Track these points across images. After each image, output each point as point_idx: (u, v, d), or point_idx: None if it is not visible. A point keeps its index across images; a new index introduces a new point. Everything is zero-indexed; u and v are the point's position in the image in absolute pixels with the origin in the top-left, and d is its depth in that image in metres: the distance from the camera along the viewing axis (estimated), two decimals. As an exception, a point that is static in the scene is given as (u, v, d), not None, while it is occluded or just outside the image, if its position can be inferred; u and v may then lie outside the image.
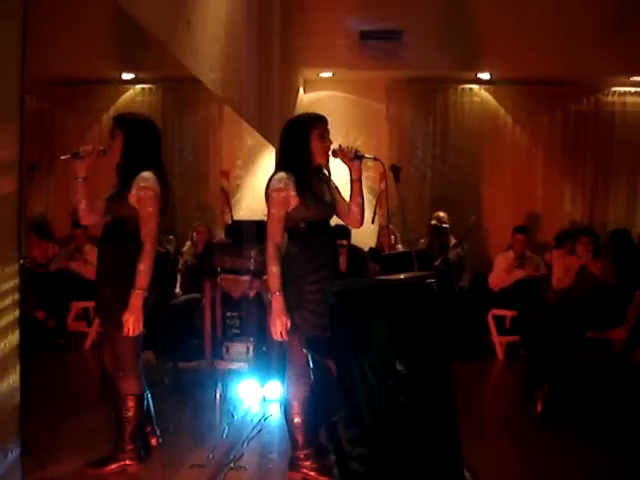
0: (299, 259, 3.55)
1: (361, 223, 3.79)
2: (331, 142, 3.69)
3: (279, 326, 3.50)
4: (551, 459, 4.25)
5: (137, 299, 3.53)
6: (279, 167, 3.68)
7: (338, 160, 3.74)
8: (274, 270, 3.53)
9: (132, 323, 3.54)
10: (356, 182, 3.71)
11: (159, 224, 3.68)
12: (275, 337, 3.54)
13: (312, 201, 3.57)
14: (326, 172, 3.75)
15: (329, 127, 3.72)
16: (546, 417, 4.88)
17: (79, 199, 3.80)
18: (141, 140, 3.71)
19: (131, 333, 3.55)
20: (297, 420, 3.70)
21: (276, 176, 3.61)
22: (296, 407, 3.69)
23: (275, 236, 3.56)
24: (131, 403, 3.68)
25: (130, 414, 3.68)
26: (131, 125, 3.74)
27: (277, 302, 3.51)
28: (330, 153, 3.69)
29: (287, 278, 3.54)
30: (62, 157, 3.84)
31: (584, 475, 3.97)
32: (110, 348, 3.75)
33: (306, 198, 3.56)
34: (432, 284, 2.01)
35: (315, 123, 3.66)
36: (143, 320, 3.59)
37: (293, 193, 3.55)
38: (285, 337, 3.52)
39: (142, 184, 3.58)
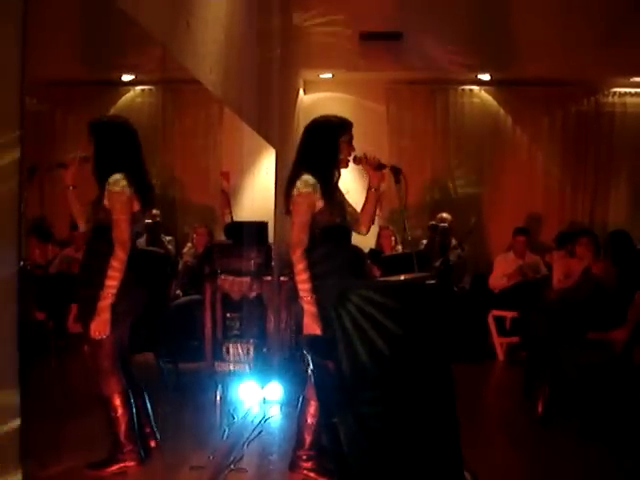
0: (316, 263, 3.51)
1: (368, 230, 3.79)
2: (354, 148, 3.69)
3: (314, 329, 3.44)
4: (552, 460, 4.25)
5: (104, 302, 3.52)
6: (301, 168, 3.62)
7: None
8: (304, 275, 3.48)
9: (97, 326, 3.53)
10: (376, 191, 3.72)
11: (158, 225, 3.68)
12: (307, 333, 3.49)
13: (336, 207, 3.57)
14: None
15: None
16: (547, 418, 4.87)
17: (72, 208, 3.85)
18: (110, 143, 3.70)
19: (96, 336, 3.55)
20: (310, 421, 3.69)
21: (302, 178, 3.56)
22: (313, 407, 3.66)
23: (302, 240, 3.52)
24: (117, 402, 3.68)
25: (119, 413, 3.68)
26: (100, 129, 3.76)
27: (309, 309, 3.46)
28: (351, 159, 3.69)
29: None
30: (51, 171, 3.90)
31: (585, 476, 3.97)
32: (89, 352, 3.75)
33: (329, 202, 3.55)
34: (432, 285, 2.01)
35: (346, 128, 3.67)
36: (130, 321, 3.60)
37: (319, 197, 3.54)
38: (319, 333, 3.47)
39: (110, 187, 3.59)
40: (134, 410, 3.74)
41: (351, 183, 3.95)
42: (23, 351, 2.21)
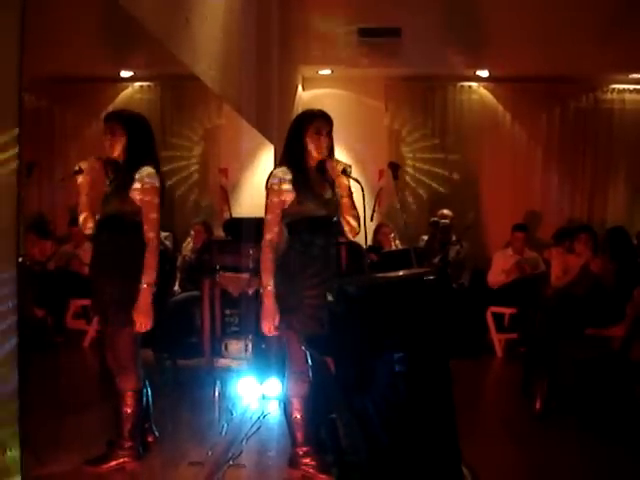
0: (298, 256, 3.55)
1: (355, 233, 3.75)
2: (328, 138, 3.67)
3: (270, 321, 3.51)
4: (550, 456, 4.26)
5: (146, 295, 3.54)
6: (280, 162, 3.71)
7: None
8: (266, 265, 3.54)
9: (143, 319, 3.55)
10: (345, 197, 3.62)
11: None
12: (265, 332, 3.56)
13: (309, 198, 3.57)
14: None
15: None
16: (545, 414, 4.88)
17: (83, 211, 3.82)
18: (141, 136, 3.72)
19: (142, 329, 3.57)
20: (297, 417, 3.70)
21: (274, 171, 3.64)
22: (296, 404, 3.69)
23: (270, 231, 3.57)
24: (130, 400, 3.68)
25: (129, 410, 3.68)
26: (131, 121, 3.75)
27: (268, 297, 3.52)
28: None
29: (286, 275, 3.54)
30: (65, 179, 3.88)
31: (583, 471, 3.98)
32: (109, 345, 3.75)
33: (302, 194, 3.56)
34: (431, 281, 2.02)
35: (310, 119, 3.66)
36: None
37: (289, 188, 3.55)
38: (275, 332, 3.53)
39: (147, 180, 3.59)
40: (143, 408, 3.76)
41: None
42: (22, 347, 2.21)
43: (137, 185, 3.59)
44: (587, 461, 4.12)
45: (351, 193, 3.66)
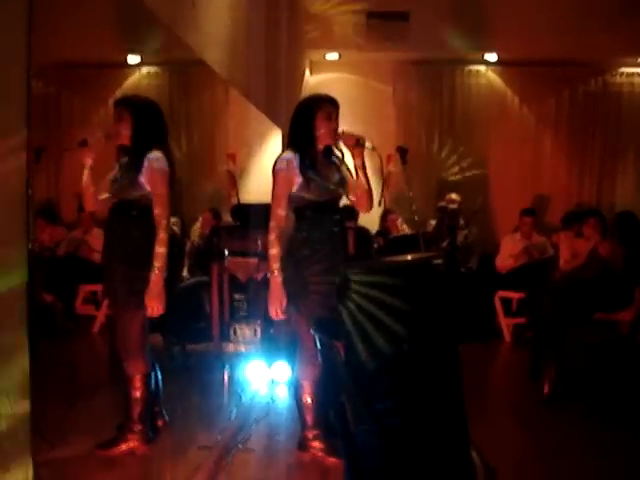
0: (305, 240, 3.56)
1: (370, 208, 3.78)
2: (337, 123, 3.68)
3: (277, 305, 3.53)
4: (558, 439, 4.27)
5: (157, 279, 3.56)
6: (287, 146, 3.72)
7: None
8: (273, 249, 3.55)
9: (154, 303, 3.57)
10: (360, 169, 3.69)
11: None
12: (272, 316, 3.58)
13: (316, 182, 3.57)
14: (339, 154, 3.75)
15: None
16: (553, 398, 4.89)
17: (86, 186, 3.79)
18: (149, 121, 3.72)
19: (154, 313, 3.59)
20: (307, 400, 3.73)
21: (281, 155, 3.65)
22: (306, 387, 3.72)
23: (277, 215, 3.59)
24: (138, 383, 3.71)
25: (138, 394, 3.71)
26: (138, 106, 3.75)
27: (275, 281, 3.54)
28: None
29: (293, 260, 3.55)
30: (70, 148, 3.86)
31: (590, 455, 3.98)
32: (118, 330, 3.78)
33: (309, 178, 3.56)
34: (439, 265, 2.02)
35: (320, 104, 3.66)
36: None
37: (296, 173, 3.56)
38: (281, 316, 3.55)
39: (155, 164, 3.60)
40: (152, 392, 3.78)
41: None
42: (31, 333, 2.23)
43: (145, 170, 3.60)
44: (595, 445, 4.13)
45: (365, 166, 3.68)
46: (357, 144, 3.65)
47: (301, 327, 3.60)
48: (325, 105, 3.65)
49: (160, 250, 3.56)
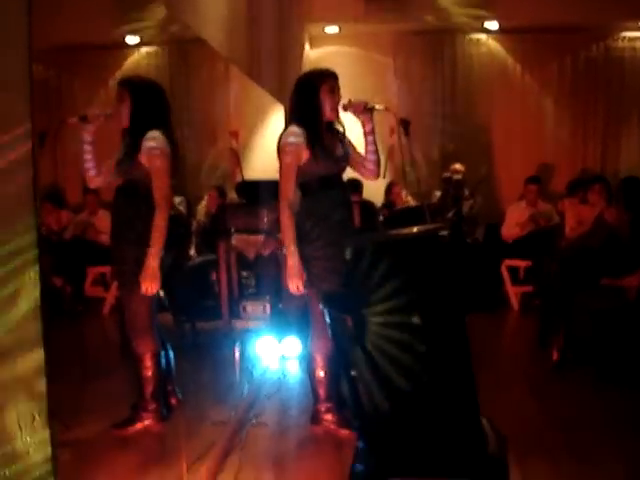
0: (312, 215, 3.57)
1: (378, 175, 3.80)
2: (340, 97, 3.69)
3: (296, 280, 3.54)
4: (568, 406, 4.30)
5: (153, 259, 3.57)
6: (290, 122, 3.70)
7: (351, 115, 3.74)
8: (287, 224, 3.57)
9: (149, 283, 3.59)
10: (369, 135, 3.71)
11: (172, 185, 3.72)
12: (292, 291, 3.59)
13: (323, 155, 3.59)
14: (340, 127, 3.76)
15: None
16: (561, 365, 4.93)
17: (86, 162, 3.82)
18: (148, 101, 3.72)
19: (149, 293, 3.61)
20: (320, 374, 3.77)
21: (287, 130, 3.64)
22: (319, 361, 3.75)
23: (287, 190, 3.59)
24: (148, 362, 3.76)
25: (149, 373, 3.76)
26: (138, 87, 3.76)
27: (292, 257, 3.55)
28: (341, 107, 3.69)
29: (301, 234, 3.57)
30: (70, 120, 3.85)
31: (600, 420, 4.02)
32: (125, 310, 3.81)
33: (317, 152, 3.57)
34: (445, 236, 2.03)
35: (324, 78, 3.66)
36: (160, 280, 3.64)
37: (304, 147, 3.56)
38: (302, 291, 3.56)
39: (151, 143, 3.60)
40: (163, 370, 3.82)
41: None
42: (43, 316, 2.25)
43: (144, 149, 3.61)
44: (604, 410, 4.17)
45: (374, 132, 3.69)
46: (366, 109, 3.66)
47: (313, 301, 3.63)
48: (328, 79, 3.66)
49: (157, 230, 3.57)
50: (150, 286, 3.60)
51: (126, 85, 3.76)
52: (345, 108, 3.70)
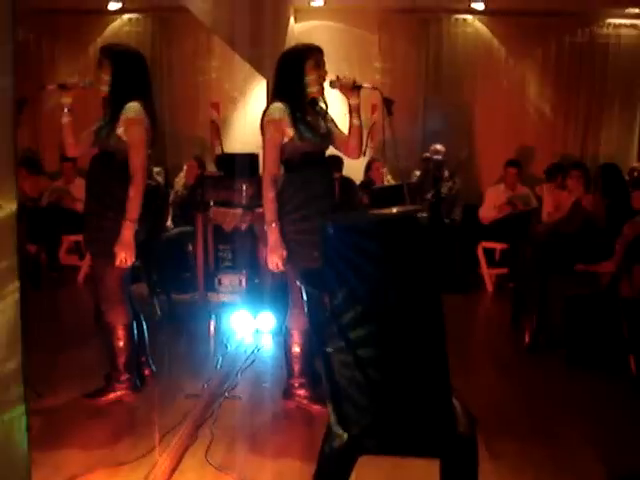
0: (294, 191, 3.56)
1: (360, 153, 3.78)
2: (326, 72, 3.66)
3: (276, 257, 3.54)
4: (538, 388, 4.36)
5: (128, 230, 3.55)
6: (273, 98, 3.66)
7: (334, 92, 3.72)
8: (270, 201, 3.55)
9: (124, 254, 3.57)
10: (355, 113, 3.68)
11: (149, 156, 3.68)
12: (271, 268, 3.59)
13: (307, 132, 3.57)
14: (323, 105, 3.73)
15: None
16: (533, 348, 4.99)
17: (65, 131, 3.77)
18: (129, 71, 3.67)
19: (124, 264, 3.58)
20: (296, 349, 3.78)
21: (271, 106, 3.60)
22: (296, 336, 3.76)
23: (271, 166, 3.57)
24: (121, 332, 3.76)
25: (121, 344, 3.76)
26: (119, 56, 3.70)
27: (273, 233, 3.54)
28: (328, 84, 3.67)
29: (283, 210, 3.56)
30: (49, 87, 3.80)
31: (570, 403, 4.08)
32: (97, 281, 3.79)
33: (301, 129, 3.55)
34: (423, 218, 2.04)
35: (310, 53, 3.63)
36: (135, 252, 3.62)
37: (288, 123, 3.54)
38: (282, 268, 3.56)
39: (130, 115, 3.57)
40: (135, 341, 3.82)
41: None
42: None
43: (122, 120, 3.57)
44: (574, 394, 4.24)
45: (359, 110, 3.68)
46: (354, 87, 3.64)
47: (291, 277, 3.63)
48: (314, 54, 3.63)
49: (132, 200, 3.54)
50: (124, 257, 3.58)
51: (107, 53, 3.70)
52: (333, 85, 3.68)
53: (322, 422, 3.28)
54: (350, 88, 3.65)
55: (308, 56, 3.61)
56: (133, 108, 3.57)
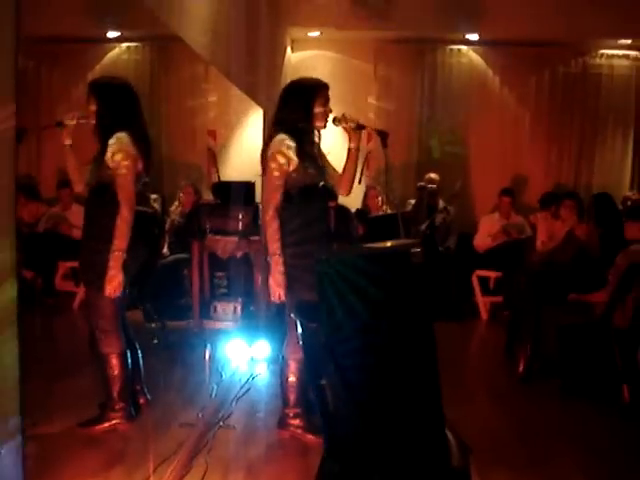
0: (293, 224, 3.58)
1: (350, 191, 3.84)
2: (331, 110, 3.72)
3: (279, 288, 3.55)
4: (532, 417, 4.37)
5: (116, 261, 3.57)
6: (277, 128, 3.67)
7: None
8: (274, 233, 3.55)
9: (112, 285, 3.59)
10: (355, 151, 3.76)
11: (146, 183, 3.72)
12: (274, 299, 3.59)
13: (310, 165, 3.61)
14: (316, 138, 3.78)
15: None
16: (527, 377, 4.99)
17: (69, 168, 3.85)
18: (113, 103, 3.72)
19: (112, 294, 3.60)
20: (292, 379, 3.79)
21: (277, 138, 3.60)
22: (292, 366, 3.77)
23: (275, 199, 3.58)
24: (115, 361, 3.76)
25: (115, 372, 3.76)
26: (102, 89, 3.78)
27: (277, 264, 3.54)
28: (330, 120, 3.72)
29: (284, 242, 3.57)
30: (47, 127, 3.88)
31: (565, 432, 4.09)
32: (90, 309, 3.81)
33: (305, 162, 3.59)
34: (417, 253, 2.07)
35: (320, 89, 3.70)
36: (129, 280, 3.65)
37: (293, 156, 3.57)
38: (284, 299, 3.56)
39: (114, 146, 3.61)
40: (129, 369, 3.82)
41: (333, 144, 3.98)
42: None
43: (108, 151, 3.62)
44: (568, 424, 4.24)
45: (359, 151, 3.76)
46: (358, 127, 3.71)
47: (288, 306, 3.64)
48: (323, 90, 3.70)
49: (119, 232, 3.56)
50: (111, 288, 3.60)
51: (91, 87, 3.79)
52: (336, 122, 3.74)
53: (317, 452, 3.29)
54: (354, 128, 3.71)
55: (318, 92, 3.67)
56: (118, 139, 3.61)
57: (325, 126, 3.73)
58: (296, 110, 3.66)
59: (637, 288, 4.51)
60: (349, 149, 3.77)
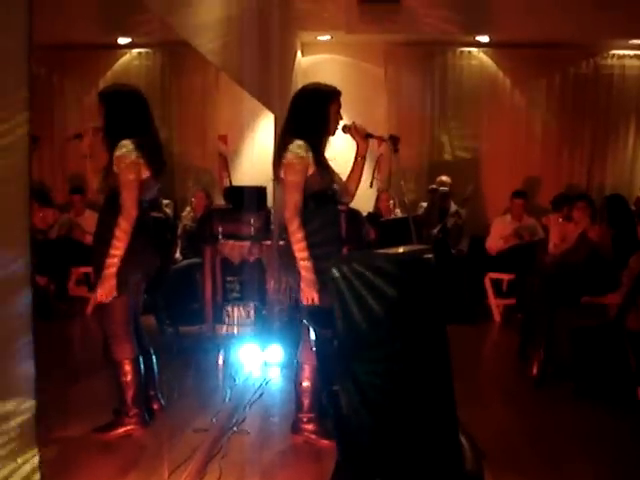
0: (306, 229, 3.56)
1: (353, 198, 3.87)
2: (342, 117, 3.74)
3: (312, 293, 3.49)
4: (546, 420, 4.35)
5: (109, 267, 3.58)
6: (292, 134, 3.65)
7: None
8: (300, 238, 3.52)
9: (103, 288, 3.60)
10: (362, 159, 3.79)
11: (160, 189, 3.76)
12: (307, 303, 3.50)
13: (325, 171, 3.63)
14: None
15: None
16: (541, 379, 4.97)
17: (89, 177, 3.93)
18: (119, 110, 3.76)
19: (103, 299, 3.62)
20: (306, 384, 3.79)
21: (295, 143, 3.57)
22: (307, 371, 3.77)
23: (295, 203, 3.54)
24: (127, 367, 3.77)
25: (128, 378, 3.77)
26: (109, 97, 3.83)
27: (307, 270, 3.50)
28: (340, 128, 3.74)
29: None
30: (69, 140, 3.99)
31: (579, 435, 4.07)
32: (101, 315, 3.83)
33: (320, 168, 3.60)
34: (430, 259, 2.07)
35: (335, 95, 3.71)
36: (144, 286, 3.68)
37: (311, 162, 3.58)
38: (317, 302, 3.49)
39: (117, 153, 3.64)
40: (142, 375, 3.84)
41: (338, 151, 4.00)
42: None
43: (114, 160, 3.65)
44: (582, 427, 4.21)
45: (365, 160, 3.80)
46: (367, 137, 3.76)
47: (303, 311, 3.64)
48: (337, 96, 3.71)
49: (118, 236, 3.58)
50: (101, 292, 3.61)
51: (100, 96, 3.85)
52: (346, 130, 3.76)
53: (330, 457, 3.29)
54: (363, 136, 3.73)
55: (333, 98, 3.69)
56: (123, 146, 3.64)
57: (335, 133, 3.73)
58: (311, 116, 3.65)
59: (651, 290, 4.49)
60: (356, 157, 3.80)
